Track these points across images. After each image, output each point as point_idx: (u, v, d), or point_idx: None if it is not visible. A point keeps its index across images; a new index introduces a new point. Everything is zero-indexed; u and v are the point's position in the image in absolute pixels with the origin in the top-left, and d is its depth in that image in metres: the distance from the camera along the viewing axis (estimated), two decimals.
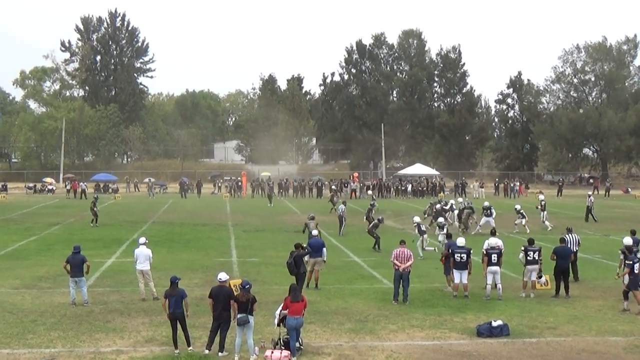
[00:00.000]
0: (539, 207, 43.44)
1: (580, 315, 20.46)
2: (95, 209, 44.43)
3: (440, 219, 35.19)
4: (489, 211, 40.14)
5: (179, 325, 16.82)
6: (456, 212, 42.47)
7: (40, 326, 18.92)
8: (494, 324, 18.37)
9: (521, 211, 40.67)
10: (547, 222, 41.89)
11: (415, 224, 32.42)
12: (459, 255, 22.43)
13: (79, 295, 21.30)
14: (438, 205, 43.75)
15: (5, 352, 16.64)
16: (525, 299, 22.34)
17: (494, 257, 22.43)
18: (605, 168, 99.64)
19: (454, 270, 22.55)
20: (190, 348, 16.77)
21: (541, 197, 46.78)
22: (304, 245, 23.58)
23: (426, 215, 43.73)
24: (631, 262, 20.85)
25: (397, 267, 21.80)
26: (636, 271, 20.62)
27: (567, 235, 24.92)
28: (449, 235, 25.39)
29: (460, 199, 49.19)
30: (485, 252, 22.69)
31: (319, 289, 23.39)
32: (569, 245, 24.13)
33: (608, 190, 73.12)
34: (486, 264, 22.52)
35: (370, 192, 69.21)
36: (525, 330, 18.74)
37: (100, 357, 16.18)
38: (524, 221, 40.34)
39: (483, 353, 16.76)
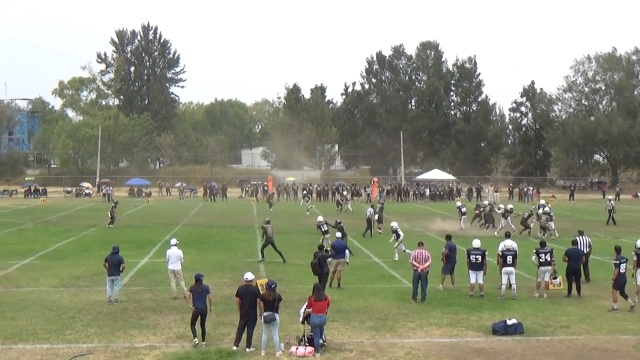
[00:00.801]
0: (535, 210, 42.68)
1: (591, 314, 20.33)
2: (114, 213, 44.61)
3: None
4: (508, 214, 40.13)
5: (199, 320, 16.99)
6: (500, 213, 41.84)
7: (77, 323, 19.04)
8: (509, 322, 18.31)
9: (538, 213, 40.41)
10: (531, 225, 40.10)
11: (394, 229, 31.92)
12: (474, 256, 22.38)
13: (113, 294, 21.45)
14: (487, 207, 43.66)
15: (45, 347, 16.75)
16: (539, 299, 22.22)
17: (509, 259, 22.38)
18: (615, 173, 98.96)
19: (470, 270, 22.50)
20: (204, 343, 16.88)
21: (542, 202, 46.09)
22: (327, 249, 23.62)
23: (479, 219, 43.38)
24: (618, 262, 20.74)
25: (415, 268, 21.81)
26: (622, 271, 20.58)
27: (578, 238, 24.81)
28: (448, 237, 25.28)
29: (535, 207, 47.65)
30: (500, 254, 22.64)
31: (341, 289, 23.39)
32: (580, 247, 24.02)
33: (618, 194, 72.60)
34: (501, 265, 22.47)
35: (383, 194, 69.86)
36: (539, 329, 18.65)
37: (135, 353, 16.24)
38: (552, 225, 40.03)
39: (498, 350, 16.69)
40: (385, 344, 17.09)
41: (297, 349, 16.20)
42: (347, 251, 24.75)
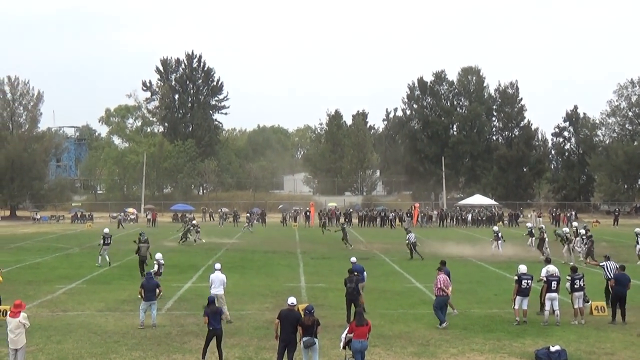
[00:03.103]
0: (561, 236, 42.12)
1: (637, 341, 19.99)
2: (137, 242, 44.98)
3: None
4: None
5: (214, 341, 17.13)
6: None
7: (122, 346, 19.19)
8: (552, 349, 18.07)
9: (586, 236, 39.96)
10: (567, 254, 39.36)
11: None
12: (525, 281, 22.17)
13: (148, 318, 21.59)
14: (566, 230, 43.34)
15: None
16: (583, 325, 21.92)
17: (554, 285, 22.13)
18: None
19: (518, 296, 22.25)
20: None
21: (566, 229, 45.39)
22: (355, 272, 23.45)
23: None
24: None
25: (444, 294, 21.78)
26: None
27: (606, 263, 24.13)
28: (443, 263, 24.29)
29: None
30: (545, 279, 22.40)
31: (366, 312, 23.33)
32: (606, 273, 23.59)
33: None
34: (545, 290, 22.23)
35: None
36: (583, 356, 18.38)
37: None
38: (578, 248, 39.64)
39: None
40: None
41: None
42: (364, 273, 24.78)
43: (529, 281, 22.22)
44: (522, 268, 22.84)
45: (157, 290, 21.92)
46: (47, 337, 20.04)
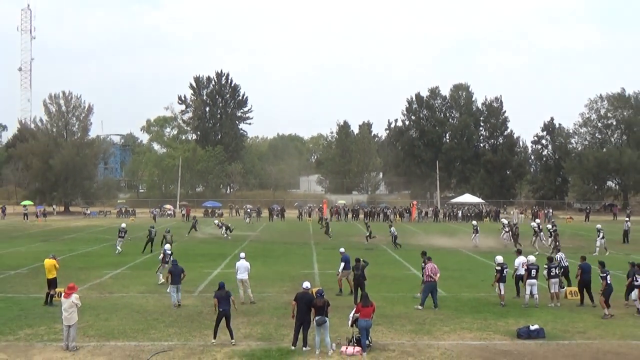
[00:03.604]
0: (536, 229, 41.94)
1: (605, 321, 19.89)
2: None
3: None
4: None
5: (223, 322, 17.04)
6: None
7: (160, 323, 19.23)
8: (532, 327, 18.05)
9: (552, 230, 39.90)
10: (536, 245, 39.19)
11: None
12: (505, 269, 22.23)
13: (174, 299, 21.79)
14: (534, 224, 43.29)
15: (133, 344, 16.95)
16: (558, 308, 21.82)
17: (533, 272, 22.14)
18: (626, 197, 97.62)
19: (499, 283, 22.21)
20: (232, 341, 16.94)
21: (537, 221, 45.26)
22: (362, 259, 23.34)
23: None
24: (604, 275, 20.77)
25: (432, 280, 21.69)
26: (609, 282, 20.64)
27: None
28: (424, 253, 24.58)
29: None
30: (526, 268, 22.35)
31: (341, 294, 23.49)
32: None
33: (629, 216, 71.27)
34: (526, 277, 22.20)
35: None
36: (559, 334, 18.30)
37: (208, 350, 16.33)
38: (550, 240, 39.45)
39: (522, 352, 16.42)
40: (423, 345, 16.94)
41: (346, 348, 16.14)
42: (350, 262, 24.54)
43: (534, 270, 22.22)
44: (499, 259, 22.82)
45: (182, 275, 22.03)
46: (95, 315, 20.11)
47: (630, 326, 19.37)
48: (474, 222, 48.04)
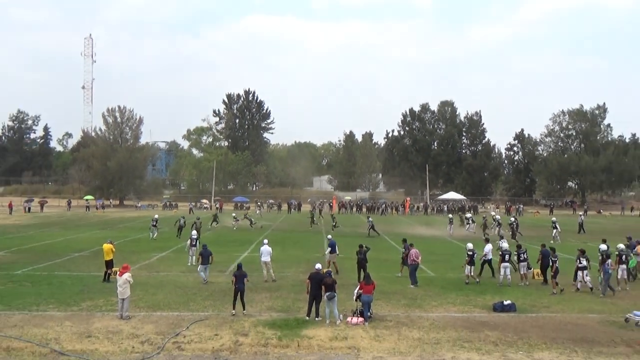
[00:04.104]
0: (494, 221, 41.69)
1: (566, 298, 19.82)
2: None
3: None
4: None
5: (239, 296, 17.09)
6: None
7: (198, 297, 19.27)
8: (505, 302, 18.01)
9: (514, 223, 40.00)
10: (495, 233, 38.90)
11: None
12: (507, 255, 22.12)
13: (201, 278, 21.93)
14: (498, 217, 43.33)
15: (175, 314, 17.01)
16: (527, 286, 21.72)
17: (506, 257, 22.05)
18: (583, 195, 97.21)
19: (468, 265, 22.33)
20: (244, 311, 17.01)
21: (497, 215, 45.22)
22: (365, 245, 23.29)
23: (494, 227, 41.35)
24: (555, 259, 21.14)
25: (416, 262, 21.85)
26: (557, 265, 20.88)
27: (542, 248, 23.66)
28: (404, 240, 24.94)
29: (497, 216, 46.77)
30: (500, 253, 22.25)
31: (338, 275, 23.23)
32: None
33: (586, 211, 71.27)
34: (500, 261, 22.08)
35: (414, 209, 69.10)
36: (527, 308, 18.24)
37: (237, 319, 16.36)
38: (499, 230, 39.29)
39: (497, 323, 16.37)
40: (415, 317, 16.91)
41: (351, 319, 16.14)
42: (336, 247, 24.80)
43: (507, 255, 22.12)
44: (470, 245, 22.78)
45: (210, 258, 22.12)
46: (144, 290, 20.17)
47: (588, 302, 19.28)
48: (450, 215, 47.85)
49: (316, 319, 16.28)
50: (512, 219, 41.75)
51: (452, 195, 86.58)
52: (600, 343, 14.61)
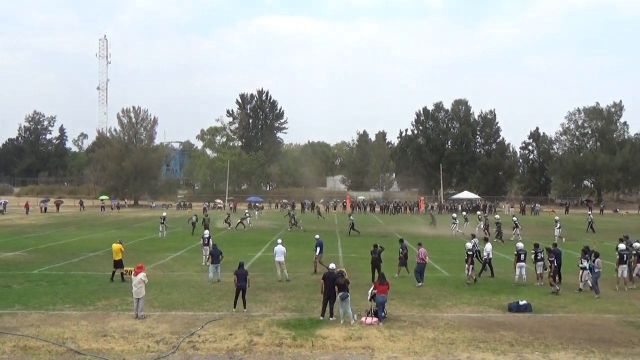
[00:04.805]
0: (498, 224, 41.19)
1: (582, 298, 19.64)
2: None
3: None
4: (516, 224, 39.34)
5: (240, 294, 17.25)
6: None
7: (212, 297, 19.32)
8: (521, 302, 17.88)
9: (516, 222, 39.84)
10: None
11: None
12: (523, 255, 21.94)
13: (215, 276, 22.02)
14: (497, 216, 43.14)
15: (190, 313, 17.06)
16: (542, 286, 21.54)
17: (522, 257, 21.87)
18: (599, 194, 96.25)
19: (468, 264, 22.21)
20: (245, 310, 17.13)
21: (497, 216, 44.66)
22: (379, 245, 23.21)
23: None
24: (552, 259, 20.97)
25: (423, 262, 21.75)
26: (556, 264, 20.94)
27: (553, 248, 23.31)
28: (401, 240, 24.88)
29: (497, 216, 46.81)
30: (516, 253, 22.07)
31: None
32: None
33: (602, 210, 70.69)
34: (515, 261, 21.91)
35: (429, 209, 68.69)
36: (543, 308, 18.09)
37: (252, 319, 16.36)
38: (518, 230, 39.01)
39: (513, 323, 16.25)
40: (429, 317, 16.83)
41: (365, 319, 16.10)
42: (322, 247, 24.64)
43: (523, 255, 21.94)
44: (469, 245, 22.68)
45: (220, 256, 22.20)
46: (159, 290, 20.26)
47: (605, 302, 19.07)
48: (454, 215, 47.21)
49: (330, 318, 16.26)
50: (498, 216, 42.02)
51: (466, 194, 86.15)
52: (617, 343, 14.46)
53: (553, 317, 17.08)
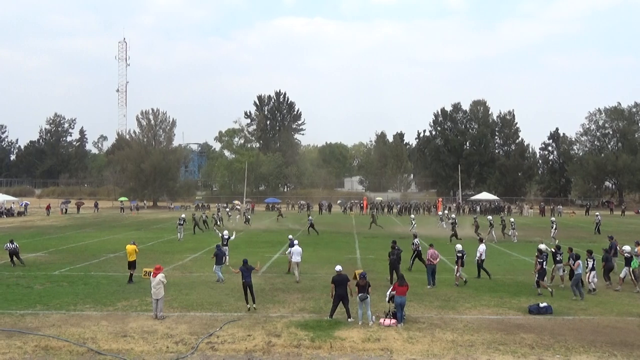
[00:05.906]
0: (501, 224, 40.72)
1: (604, 300, 19.40)
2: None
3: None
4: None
5: (248, 290, 17.51)
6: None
7: (230, 298, 19.35)
8: (541, 305, 17.69)
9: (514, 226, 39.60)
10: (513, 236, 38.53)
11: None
12: (465, 256, 22.11)
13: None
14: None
15: (209, 314, 17.10)
16: (564, 289, 21.29)
17: (544, 264, 21.63)
18: (621, 195, 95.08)
19: (458, 266, 22.12)
20: (254, 305, 17.41)
21: (512, 219, 44.21)
22: (397, 246, 23.13)
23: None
24: (541, 261, 20.44)
25: (432, 263, 21.56)
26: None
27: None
28: (394, 242, 23.89)
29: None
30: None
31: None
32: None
33: (623, 211, 69.84)
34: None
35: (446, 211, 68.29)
36: (564, 310, 17.87)
37: (270, 320, 16.36)
38: (515, 232, 38.67)
39: (533, 325, 16.07)
40: (448, 319, 16.71)
41: (384, 320, 16.03)
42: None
43: (465, 256, 22.20)
44: (459, 247, 22.58)
45: (224, 257, 22.30)
46: (178, 291, 20.36)
47: (626, 305, 18.83)
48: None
49: (348, 320, 16.21)
50: (475, 217, 43.63)
51: (485, 195, 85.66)
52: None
53: (574, 319, 16.89)
